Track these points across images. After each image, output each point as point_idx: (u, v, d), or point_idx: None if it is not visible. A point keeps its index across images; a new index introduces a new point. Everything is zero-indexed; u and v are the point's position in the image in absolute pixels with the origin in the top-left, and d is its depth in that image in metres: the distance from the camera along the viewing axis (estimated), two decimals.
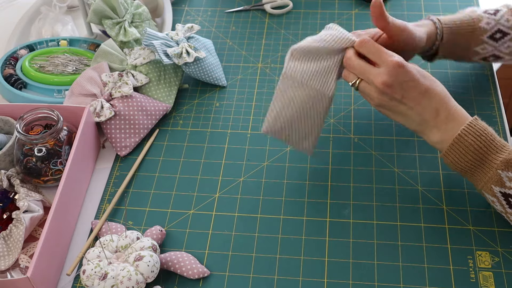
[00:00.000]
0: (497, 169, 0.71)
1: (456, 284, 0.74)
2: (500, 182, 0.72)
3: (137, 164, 0.89)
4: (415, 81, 0.75)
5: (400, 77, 0.74)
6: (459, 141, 0.73)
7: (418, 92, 0.75)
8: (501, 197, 0.73)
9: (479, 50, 0.90)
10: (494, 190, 0.73)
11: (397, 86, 0.75)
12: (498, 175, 0.71)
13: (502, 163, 0.71)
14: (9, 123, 0.89)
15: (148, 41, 0.94)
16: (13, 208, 0.81)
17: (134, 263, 0.72)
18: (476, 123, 0.73)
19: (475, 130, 0.72)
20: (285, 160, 0.89)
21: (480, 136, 0.72)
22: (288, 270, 0.76)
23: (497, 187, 0.72)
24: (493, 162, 0.72)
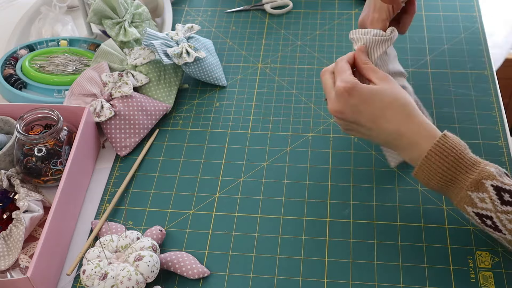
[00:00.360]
0: (467, 190, 0.69)
1: (456, 284, 0.74)
2: (471, 203, 0.69)
3: (137, 164, 0.89)
4: (366, 104, 0.73)
5: (349, 101, 0.74)
6: (427, 163, 0.70)
7: (372, 114, 0.73)
8: (475, 216, 0.70)
9: None
10: (467, 210, 0.70)
11: (347, 111, 0.74)
12: (469, 196, 0.69)
13: (472, 184, 0.69)
14: (9, 123, 0.89)
15: (148, 41, 0.94)
16: (13, 208, 0.81)
17: (134, 263, 0.72)
18: (445, 141, 0.70)
19: (443, 149, 0.70)
20: (285, 160, 0.89)
21: (448, 156, 0.70)
22: (288, 270, 0.76)
23: (469, 207, 0.70)
24: (462, 183, 0.70)
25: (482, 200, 0.69)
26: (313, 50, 1.06)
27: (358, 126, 0.76)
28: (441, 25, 1.08)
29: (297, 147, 0.91)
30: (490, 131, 0.90)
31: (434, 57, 1.03)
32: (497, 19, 1.61)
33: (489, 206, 0.68)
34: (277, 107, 0.97)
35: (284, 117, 0.95)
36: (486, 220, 0.70)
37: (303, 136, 0.92)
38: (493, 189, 0.68)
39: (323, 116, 0.95)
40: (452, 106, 0.94)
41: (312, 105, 0.97)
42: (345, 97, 0.74)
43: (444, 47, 1.04)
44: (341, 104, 0.74)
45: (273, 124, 0.94)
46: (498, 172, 0.69)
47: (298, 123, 0.94)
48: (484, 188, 0.68)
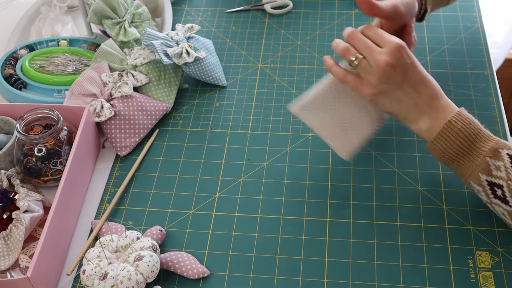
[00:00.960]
0: (485, 156, 0.72)
1: (456, 284, 0.74)
2: (487, 170, 0.72)
3: (137, 164, 0.89)
4: (415, 66, 0.75)
5: (403, 59, 0.74)
6: (448, 128, 0.74)
7: (418, 77, 0.76)
8: (487, 186, 0.73)
9: None
10: (481, 179, 0.73)
11: (399, 68, 0.74)
12: (486, 162, 0.72)
13: (490, 151, 0.72)
14: (9, 123, 0.89)
15: (148, 41, 0.94)
16: (13, 208, 0.81)
17: (134, 263, 0.72)
18: (465, 112, 0.75)
19: (464, 118, 0.74)
20: (285, 160, 0.89)
21: (469, 124, 0.73)
22: (288, 270, 0.76)
23: (484, 175, 0.73)
24: (481, 150, 0.73)
25: (498, 168, 0.72)
26: (313, 50, 1.06)
27: (397, 88, 0.75)
28: (441, 25, 1.08)
29: (297, 147, 0.91)
30: (490, 131, 0.89)
31: (434, 57, 1.03)
32: (497, 19, 1.61)
33: (503, 175, 0.71)
34: (277, 107, 0.97)
35: (284, 117, 0.95)
36: (497, 190, 0.73)
37: (303, 136, 0.92)
38: (508, 158, 0.71)
39: None
40: None
41: None
42: (401, 53, 0.74)
43: (444, 47, 1.04)
44: (396, 59, 0.74)
45: (273, 124, 0.94)
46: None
47: (298, 123, 0.94)
48: (500, 156, 0.72)
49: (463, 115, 0.74)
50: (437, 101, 0.76)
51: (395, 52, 0.73)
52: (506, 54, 1.64)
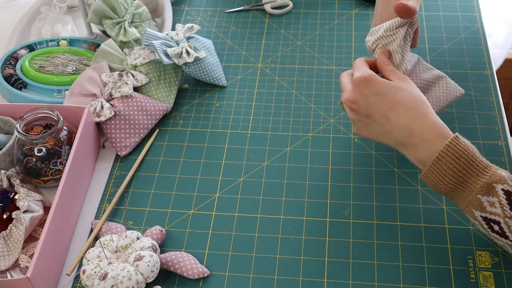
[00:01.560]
0: (477, 193, 0.68)
1: (456, 284, 0.74)
2: (480, 206, 0.68)
3: (137, 164, 0.89)
4: (379, 95, 0.73)
5: (364, 92, 0.73)
6: (437, 163, 0.69)
7: (384, 107, 0.73)
8: (482, 221, 0.70)
9: None
10: (475, 214, 0.69)
11: (361, 101, 0.74)
12: (478, 199, 0.68)
13: (482, 188, 0.68)
14: (9, 123, 0.89)
15: (148, 41, 0.94)
16: (13, 208, 0.81)
17: (134, 263, 0.72)
18: (457, 142, 0.69)
19: (455, 151, 0.69)
20: (285, 160, 0.89)
21: (459, 158, 0.68)
22: (288, 270, 0.76)
23: (478, 211, 0.69)
24: (473, 186, 0.69)
25: (492, 204, 0.67)
26: (313, 50, 1.06)
27: (370, 121, 0.75)
28: (441, 25, 1.08)
29: (297, 147, 0.91)
30: (490, 131, 0.90)
31: (434, 57, 1.03)
32: (497, 19, 1.61)
33: (498, 211, 0.67)
34: (277, 107, 0.97)
35: (284, 117, 0.95)
36: (494, 226, 0.69)
37: (303, 136, 0.92)
38: (503, 194, 0.67)
39: (323, 116, 0.95)
40: (452, 106, 0.94)
41: (312, 105, 0.97)
42: (360, 87, 0.74)
43: (444, 47, 1.04)
44: (356, 94, 0.74)
45: (273, 124, 0.94)
46: (510, 177, 0.68)
47: (298, 123, 0.94)
48: (494, 192, 0.67)
49: (453, 147, 0.69)
50: (419, 131, 0.71)
51: (355, 87, 0.75)
52: (506, 54, 1.65)
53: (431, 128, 0.71)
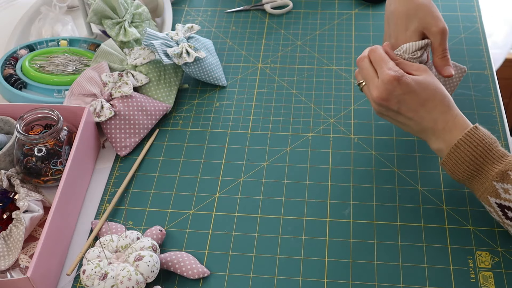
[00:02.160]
0: (492, 180, 0.71)
1: (456, 284, 0.74)
2: (495, 193, 0.71)
3: (137, 164, 0.89)
4: (411, 94, 0.75)
5: (396, 91, 0.75)
6: (455, 151, 0.73)
7: (415, 104, 0.75)
8: (497, 208, 0.72)
9: None
10: (490, 201, 0.72)
11: (392, 99, 0.76)
12: (493, 186, 0.71)
13: (497, 174, 0.70)
14: (9, 123, 0.89)
15: (148, 41, 0.94)
16: (13, 208, 0.81)
17: (134, 263, 0.72)
18: (475, 132, 0.72)
19: (473, 140, 0.72)
20: (285, 160, 0.89)
21: (477, 146, 0.72)
22: (288, 270, 0.76)
23: (493, 198, 0.72)
24: (488, 173, 0.72)
25: (506, 191, 0.70)
26: (313, 50, 1.06)
27: (398, 115, 0.77)
28: None
29: (297, 147, 0.91)
30: (490, 131, 0.89)
31: None
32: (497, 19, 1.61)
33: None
34: (277, 107, 0.97)
35: (284, 117, 0.95)
36: (508, 212, 0.71)
37: (303, 136, 0.92)
38: None
39: (323, 116, 0.95)
40: None
41: (312, 105, 0.97)
42: (393, 85, 0.75)
43: None
44: (388, 92, 0.75)
45: (273, 124, 0.94)
46: None
47: (298, 123, 0.94)
48: (509, 179, 0.70)
49: (472, 136, 0.72)
50: (443, 123, 0.75)
51: (387, 86, 0.75)
52: (506, 54, 1.65)
53: (454, 120, 0.75)
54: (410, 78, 0.75)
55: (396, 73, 0.75)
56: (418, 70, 0.77)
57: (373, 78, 0.78)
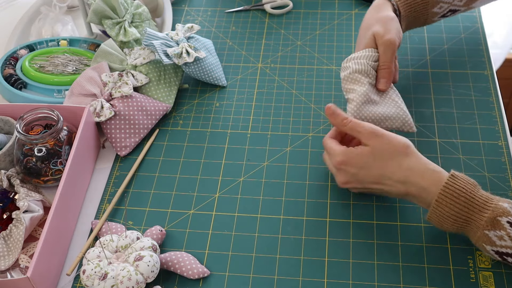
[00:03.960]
0: (484, 229, 0.69)
1: (456, 284, 0.74)
2: (490, 241, 0.69)
3: (137, 164, 0.89)
4: (365, 169, 0.75)
5: (349, 172, 0.77)
6: (438, 208, 0.71)
7: (375, 176, 0.75)
8: (495, 255, 0.71)
9: (437, 10, 0.92)
10: (487, 248, 0.71)
11: (352, 180, 0.77)
12: (486, 235, 0.69)
13: (487, 223, 0.68)
14: (9, 123, 0.89)
15: (148, 41, 0.94)
16: (13, 208, 0.81)
17: (134, 263, 0.72)
18: (453, 182, 0.70)
19: (453, 192, 0.70)
20: (285, 160, 0.89)
21: (458, 197, 0.69)
22: (288, 270, 0.76)
23: (488, 246, 0.70)
24: (478, 223, 0.69)
25: (501, 238, 0.68)
26: (313, 50, 1.06)
27: (369, 189, 0.78)
28: (441, 25, 1.08)
29: (297, 147, 0.91)
30: (490, 131, 0.90)
31: (434, 57, 1.03)
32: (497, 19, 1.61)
33: (509, 244, 0.68)
34: (277, 107, 0.97)
35: (284, 117, 0.95)
36: (507, 258, 0.70)
37: (303, 136, 0.92)
38: (510, 226, 0.67)
39: (323, 116, 0.95)
40: (452, 106, 0.94)
41: (312, 105, 0.97)
42: (343, 170, 0.77)
43: (444, 47, 1.04)
44: (343, 177, 0.78)
45: (273, 124, 0.94)
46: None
47: (298, 123, 0.94)
48: (500, 225, 0.68)
49: (450, 188, 0.70)
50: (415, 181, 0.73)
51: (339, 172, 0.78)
52: (506, 54, 1.65)
53: (424, 174, 0.73)
54: (356, 155, 0.75)
55: (338, 158, 0.76)
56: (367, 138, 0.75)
57: (332, 169, 0.80)
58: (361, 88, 0.82)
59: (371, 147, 0.75)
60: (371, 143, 0.75)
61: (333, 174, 0.81)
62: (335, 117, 0.79)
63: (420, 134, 0.90)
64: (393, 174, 0.74)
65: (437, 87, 0.97)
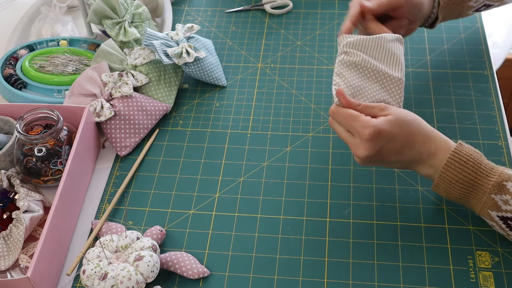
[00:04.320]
0: (490, 193, 0.70)
1: (456, 284, 0.74)
2: (495, 206, 0.71)
3: (137, 164, 0.89)
4: (392, 140, 0.73)
5: (377, 145, 0.73)
6: (446, 173, 0.72)
7: (398, 147, 0.74)
8: (499, 221, 0.72)
9: (473, 4, 0.92)
10: (492, 215, 0.72)
11: (375, 155, 0.74)
12: (492, 199, 0.71)
13: (494, 187, 0.70)
14: (9, 123, 0.89)
15: (148, 41, 0.94)
16: (13, 208, 0.81)
17: (134, 263, 0.72)
18: (461, 149, 0.72)
19: (461, 157, 0.71)
20: (285, 160, 0.89)
21: (466, 162, 0.71)
22: (288, 270, 0.76)
23: (494, 211, 0.71)
24: (484, 187, 0.71)
25: (506, 202, 0.70)
26: (313, 50, 1.06)
27: (383, 162, 0.76)
28: (441, 25, 1.08)
29: (297, 147, 0.91)
30: (490, 131, 0.90)
31: (434, 57, 1.03)
32: (497, 19, 1.61)
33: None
34: (277, 107, 0.97)
35: (284, 117, 0.95)
36: (511, 223, 0.71)
37: (303, 136, 0.92)
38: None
39: (323, 116, 0.95)
40: (452, 106, 0.94)
41: (312, 105, 0.97)
42: (373, 142, 0.72)
43: (444, 47, 1.04)
44: (370, 150, 0.73)
45: (273, 124, 0.94)
46: None
47: (298, 123, 0.94)
48: (506, 189, 0.69)
49: (458, 154, 0.71)
50: (427, 152, 0.74)
51: (368, 144, 0.73)
52: (506, 54, 1.65)
53: (436, 143, 0.74)
54: (385, 124, 0.72)
55: (373, 128, 0.72)
56: (383, 110, 0.74)
57: (350, 139, 0.75)
58: (349, 75, 0.79)
59: (393, 115, 0.73)
60: (390, 112, 0.74)
61: (354, 146, 0.75)
62: (344, 98, 0.75)
63: None
64: (413, 142, 0.74)
65: (437, 87, 0.97)
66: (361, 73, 0.79)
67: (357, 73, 0.79)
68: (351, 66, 0.79)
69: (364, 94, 0.78)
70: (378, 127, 0.72)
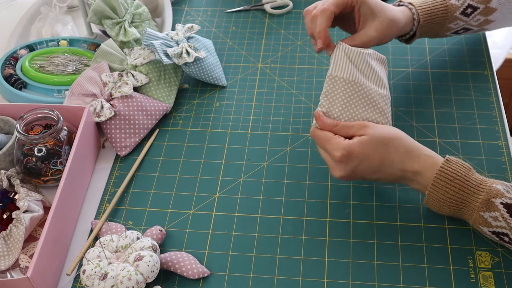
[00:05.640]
0: (479, 211, 0.71)
1: (456, 284, 0.74)
2: (485, 222, 0.71)
3: (137, 164, 0.89)
4: (366, 161, 0.74)
5: (349, 166, 0.74)
6: (434, 191, 0.73)
7: (375, 166, 0.74)
8: (492, 235, 0.73)
9: (452, 26, 0.92)
10: (483, 230, 0.73)
11: (352, 174, 0.76)
12: (482, 216, 0.71)
13: (482, 205, 0.70)
14: (9, 123, 0.89)
15: (148, 41, 0.94)
16: (13, 208, 0.81)
17: (134, 263, 0.72)
18: (448, 166, 0.72)
19: (447, 175, 0.71)
20: (285, 160, 0.89)
21: (453, 181, 0.71)
22: (288, 270, 0.76)
23: (485, 227, 0.72)
24: (473, 205, 0.71)
25: (495, 219, 0.70)
26: (313, 50, 1.06)
27: (365, 179, 0.78)
28: None
29: (297, 147, 0.91)
30: (490, 131, 0.90)
31: (434, 57, 1.03)
32: None
33: (503, 224, 0.70)
34: (277, 107, 0.97)
35: (284, 117, 0.95)
36: (504, 237, 0.72)
37: (303, 136, 0.92)
38: (503, 207, 0.69)
39: None
40: (452, 106, 0.94)
41: (312, 105, 0.97)
42: (344, 163, 0.75)
43: (444, 47, 1.04)
44: (343, 170, 0.75)
45: (273, 124, 0.94)
46: (505, 188, 0.70)
47: (298, 123, 0.94)
48: (494, 206, 0.69)
49: (446, 172, 0.71)
50: (411, 170, 0.74)
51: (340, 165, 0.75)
52: (506, 54, 1.65)
53: (420, 161, 0.74)
54: (358, 146, 0.73)
55: (343, 151, 0.74)
56: (361, 129, 0.75)
57: (327, 159, 0.78)
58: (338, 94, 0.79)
59: (368, 135, 0.74)
60: (366, 132, 0.74)
61: (330, 166, 0.78)
62: (322, 119, 0.77)
63: (420, 134, 0.90)
64: (392, 162, 0.74)
65: (437, 87, 0.97)
66: (350, 90, 0.79)
67: (346, 91, 0.79)
68: (340, 83, 0.79)
69: (351, 113, 0.78)
70: (348, 149, 0.73)
